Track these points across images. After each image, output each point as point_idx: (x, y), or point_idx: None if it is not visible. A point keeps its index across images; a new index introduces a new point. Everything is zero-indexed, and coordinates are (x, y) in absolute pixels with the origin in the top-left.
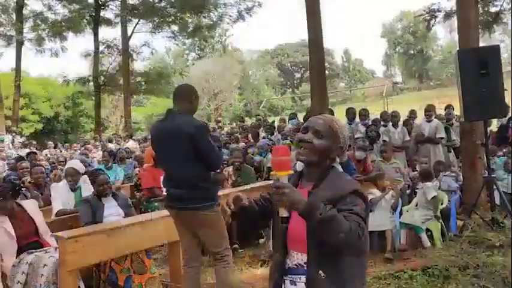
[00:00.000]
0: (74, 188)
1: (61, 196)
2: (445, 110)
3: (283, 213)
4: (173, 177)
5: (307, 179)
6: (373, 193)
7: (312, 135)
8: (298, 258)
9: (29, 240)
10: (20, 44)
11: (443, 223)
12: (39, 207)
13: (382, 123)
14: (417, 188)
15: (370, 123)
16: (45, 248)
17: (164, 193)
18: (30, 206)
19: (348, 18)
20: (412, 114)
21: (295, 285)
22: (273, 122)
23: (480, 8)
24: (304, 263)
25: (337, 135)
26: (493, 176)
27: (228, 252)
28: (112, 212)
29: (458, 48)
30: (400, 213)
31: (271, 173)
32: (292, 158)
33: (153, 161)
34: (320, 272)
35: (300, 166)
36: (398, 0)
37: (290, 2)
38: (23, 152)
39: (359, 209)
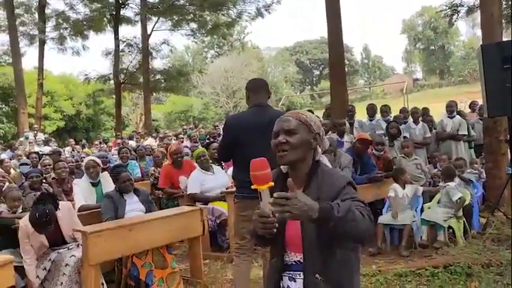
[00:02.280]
0: (95, 182)
1: (82, 192)
2: (470, 106)
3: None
4: None
5: (295, 181)
6: (395, 188)
7: (285, 136)
8: (297, 256)
9: (59, 245)
10: (42, 43)
11: (465, 220)
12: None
13: (403, 119)
14: (438, 185)
15: (392, 120)
16: (67, 245)
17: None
18: (63, 212)
19: (368, 14)
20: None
21: (295, 281)
22: None
23: (504, 2)
24: (304, 260)
25: (309, 124)
26: None
27: None
28: (134, 207)
29: (481, 43)
30: (421, 210)
31: (252, 187)
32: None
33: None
34: (317, 276)
35: (284, 167)
36: None
37: None
38: (45, 149)
39: (357, 196)
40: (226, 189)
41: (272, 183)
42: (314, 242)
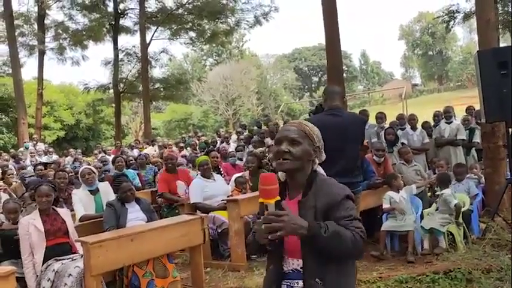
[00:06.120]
0: (93, 189)
1: (81, 201)
2: (467, 111)
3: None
4: (343, 166)
5: (293, 189)
6: (390, 195)
7: (288, 145)
8: (294, 264)
9: (59, 240)
10: (42, 54)
11: (465, 226)
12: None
13: (399, 126)
14: (436, 192)
15: (387, 127)
16: (71, 256)
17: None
18: (63, 211)
19: (365, 20)
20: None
21: None
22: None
23: (500, 8)
24: (301, 267)
25: (311, 136)
26: None
27: None
28: (135, 216)
29: (477, 50)
30: (421, 217)
31: (259, 200)
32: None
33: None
34: (317, 280)
35: (282, 176)
36: (416, 1)
37: (307, 5)
38: (44, 159)
39: (355, 212)
40: (228, 197)
41: (279, 197)
42: (312, 248)
